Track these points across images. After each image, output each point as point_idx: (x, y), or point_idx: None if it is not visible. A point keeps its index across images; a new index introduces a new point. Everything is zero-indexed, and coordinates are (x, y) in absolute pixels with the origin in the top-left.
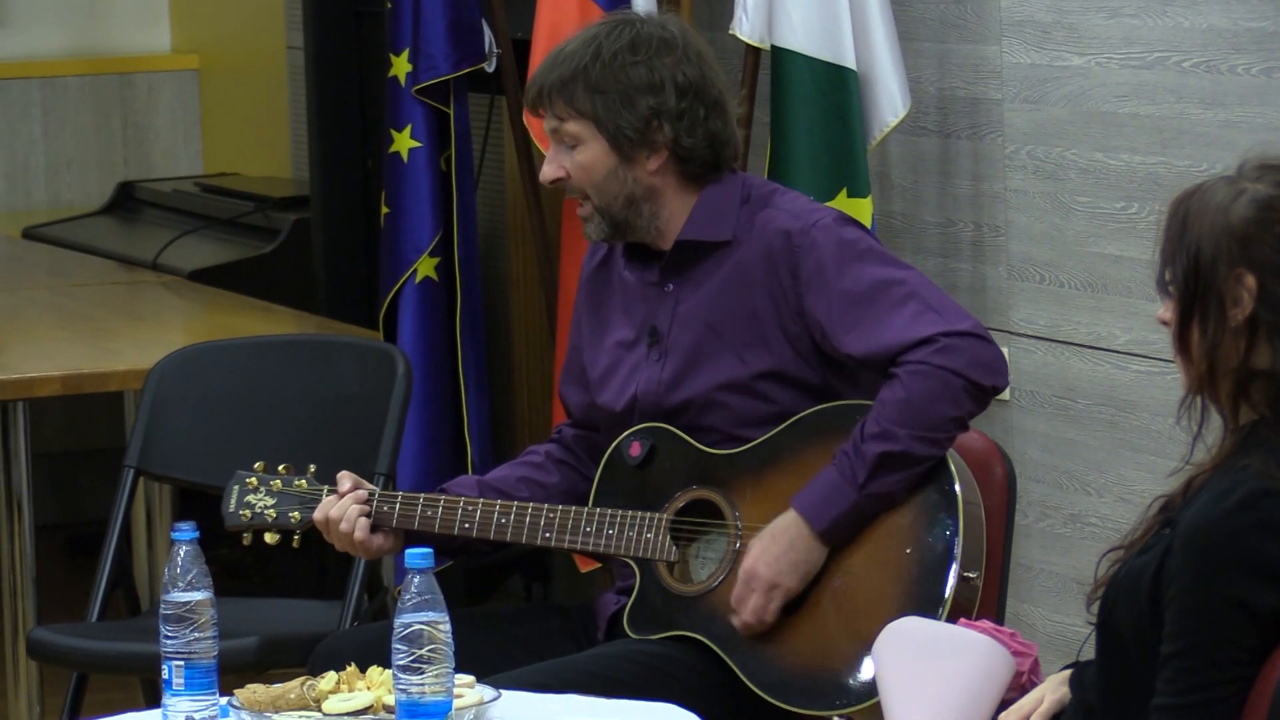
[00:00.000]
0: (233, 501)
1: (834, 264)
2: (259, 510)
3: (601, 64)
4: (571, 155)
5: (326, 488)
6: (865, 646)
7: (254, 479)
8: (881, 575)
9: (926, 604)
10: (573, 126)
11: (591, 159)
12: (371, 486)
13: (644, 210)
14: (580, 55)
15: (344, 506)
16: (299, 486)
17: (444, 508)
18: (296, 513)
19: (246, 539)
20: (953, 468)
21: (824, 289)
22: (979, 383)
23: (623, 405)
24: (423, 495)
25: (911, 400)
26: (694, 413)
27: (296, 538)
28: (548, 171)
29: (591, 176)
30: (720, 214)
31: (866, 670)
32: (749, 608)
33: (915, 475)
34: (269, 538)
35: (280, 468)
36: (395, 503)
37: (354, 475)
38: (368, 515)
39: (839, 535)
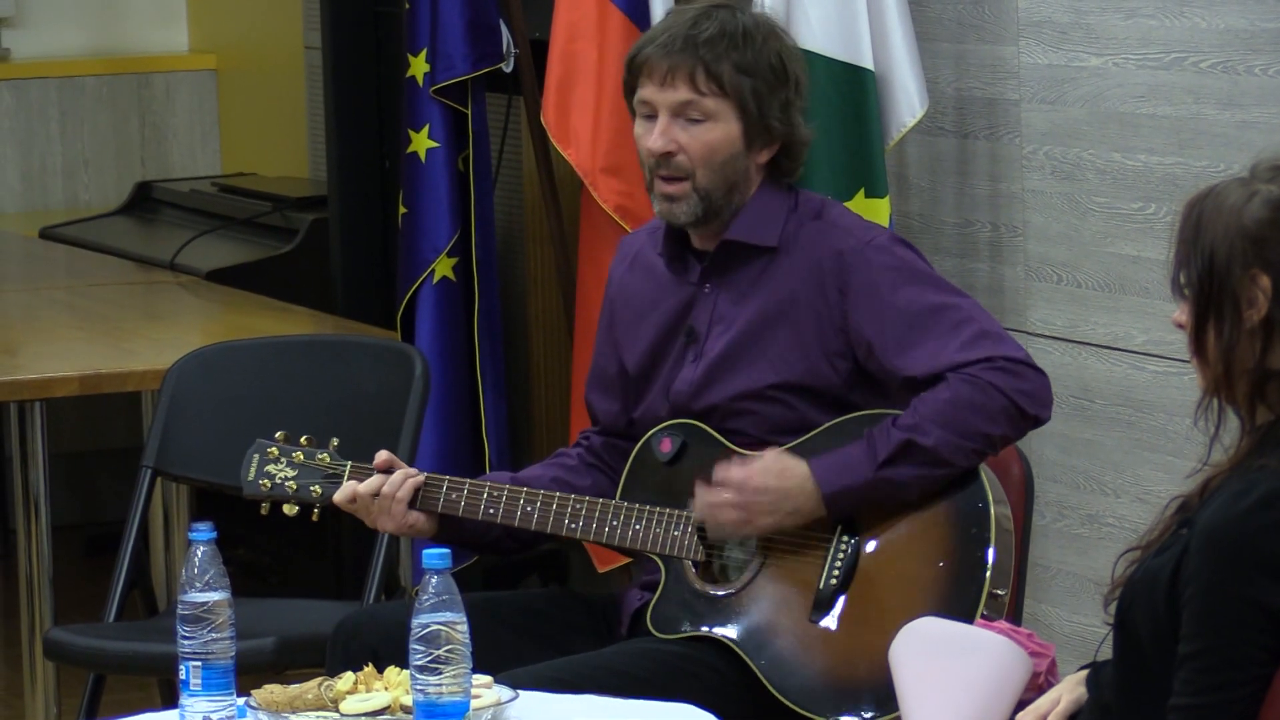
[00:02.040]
0: (252, 470)
1: (888, 284)
2: (279, 481)
3: (750, 47)
4: (691, 131)
5: (350, 464)
6: (886, 659)
7: (275, 449)
8: (912, 588)
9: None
10: (711, 104)
11: (722, 139)
12: (403, 465)
13: (734, 200)
14: (724, 34)
15: (397, 481)
16: (322, 460)
17: (469, 491)
18: (318, 487)
19: (264, 509)
20: (986, 483)
21: (877, 308)
22: (1023, 409)
23: (665, 411)
24: (448, 478)
25: (953, 403)
26: (721, 416)
27: (316, 512)
28: (658, 144)
29: (713, 157)
30: (770, 219)
31: (887, 684)
32: (712, 505)
33: (932, 477)
34: (287, 509)
35: (303, 439)
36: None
37: (392, 455)
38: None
39: (840, 506)
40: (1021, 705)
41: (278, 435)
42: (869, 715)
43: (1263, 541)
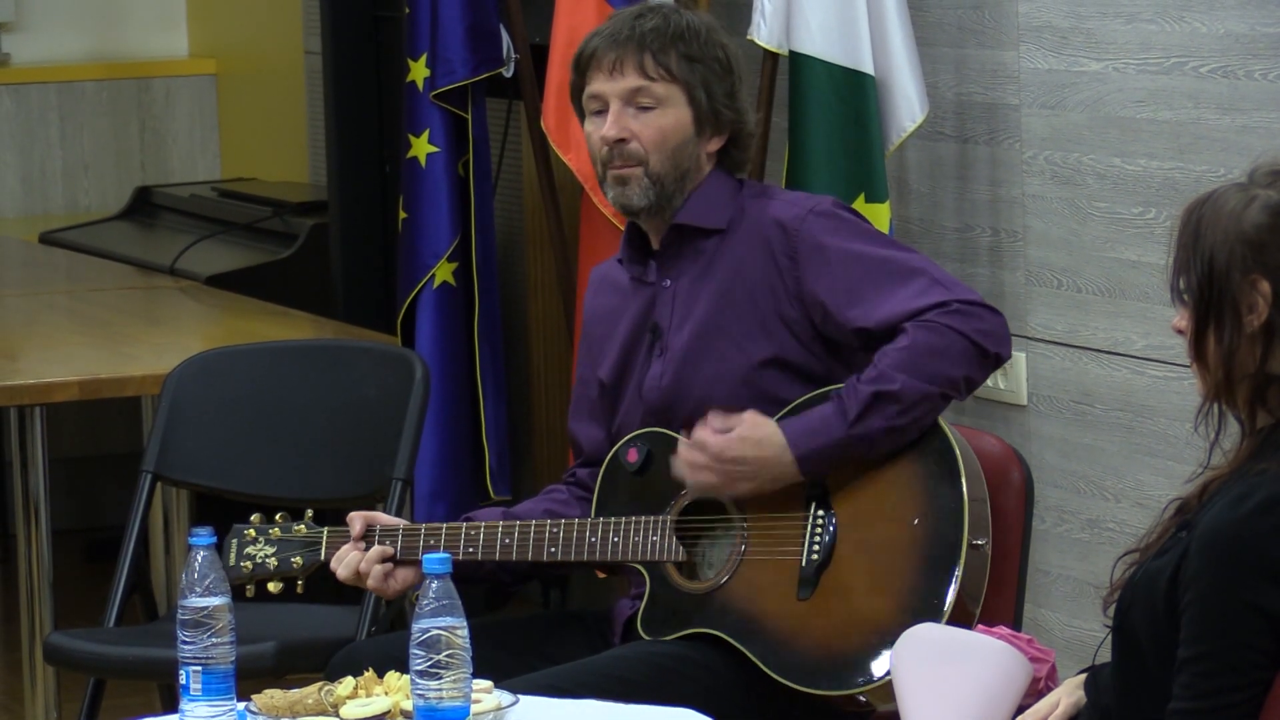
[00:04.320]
0: (233, 555)
1: (834, 243)
2: (260, 560)
3: (693, 39)
4: (643, 118)
5: (327, 529)
6: (880, 624)
7: (251, 530)
8: (891, 552)
9: (939, 573)
10: (660, 89)
11: (673, 124)
12: (375, 519)
13: (685, 188)
14: (667, 26)
15: (370, 562)
16: (298, 532)
17: (446, 535)
18: (298, 558)
19: (250, 591)
20: (951, 440)
21: (825, 267)
22: (984, 348)
23: (640, 419)
24: (424, 525)
25: (914, 348)
26: (696, 406)
27: (300, 584)
28: (612, 132)
29: (665, 143)
30: (717, 202)
31: (883, 647)
32: (691, 465)
33: (900, 427)
34: (272, 586)
35: (277, 516)
36: (397, 537)
37: (362, 515)
38: (391, 559)
39: (813, 467)
40: (1021, 710)
41: (253, 518)
42: (862, 682)
43: (1263, 545)
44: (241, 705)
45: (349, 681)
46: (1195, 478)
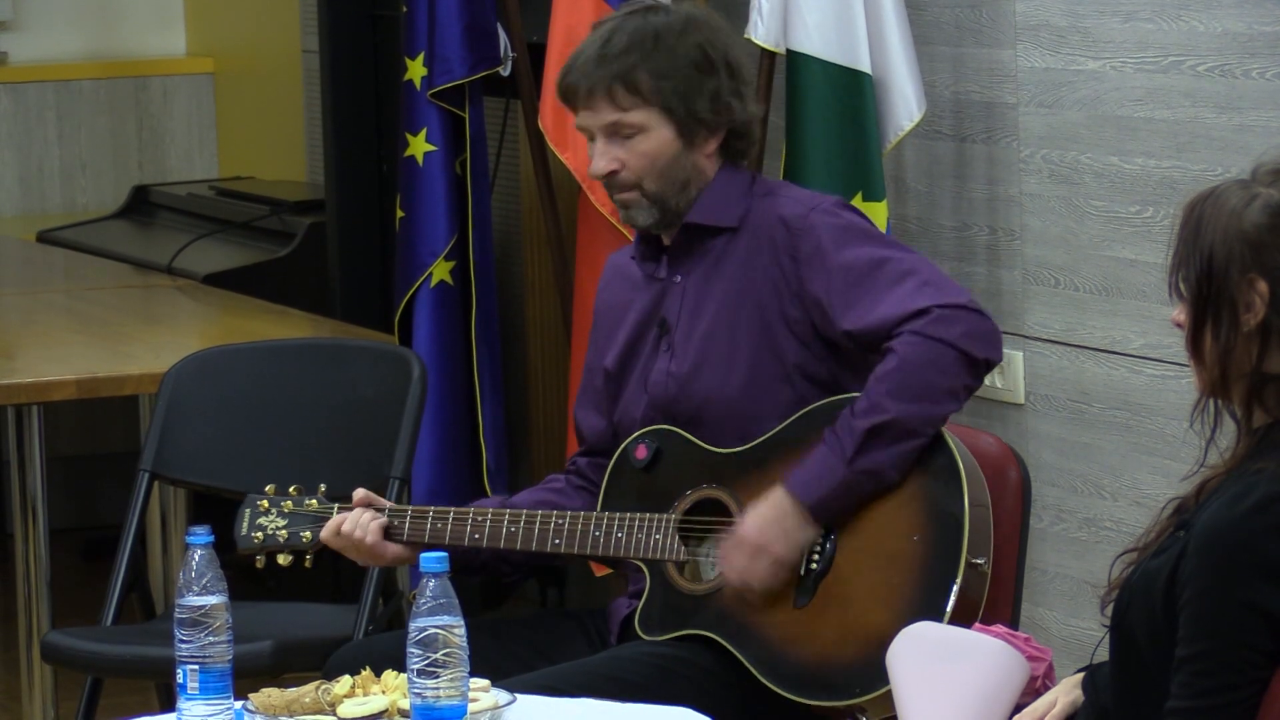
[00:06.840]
0: (244, 525)
1: (832, 244)
2: (271, 532)
3: (663, 49)
4: (628, 146)
5: (337, 505)
6: (876, 637)
7: (265, 501)
8: (890, 565)
9: (935, 592)
10: (637, 116)
11: (657, 146)
12: (384, 502)
13: (692, 193)
14: (634, 43)
15: (355, 516)
16: (310, 506)
17: (454, 519)
18: (308, 532)
19: (260, 562)
20: (956, 456)
21: (823, 269)
22: (971, 354)
23: (642, 412)
24: (432, 509)
25: (903, 369)
26: (701, 406)
27: (309, 558)
28: (601, 165)
29: (655, 165)
30: (729, 200)
31: (878, 660)
32: (734, 566)
33: (907, 451)
34: (281, 559)
35: (291, 489)
36: (405, 517)
37: (369, 492)
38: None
39: (829, 511)
40: (1019, 709)
41: (267, 489)
42: (859, 693)
43: (1260, 544)
44: (239, 704)
45: (346, 680)
46: (1192, 477)
